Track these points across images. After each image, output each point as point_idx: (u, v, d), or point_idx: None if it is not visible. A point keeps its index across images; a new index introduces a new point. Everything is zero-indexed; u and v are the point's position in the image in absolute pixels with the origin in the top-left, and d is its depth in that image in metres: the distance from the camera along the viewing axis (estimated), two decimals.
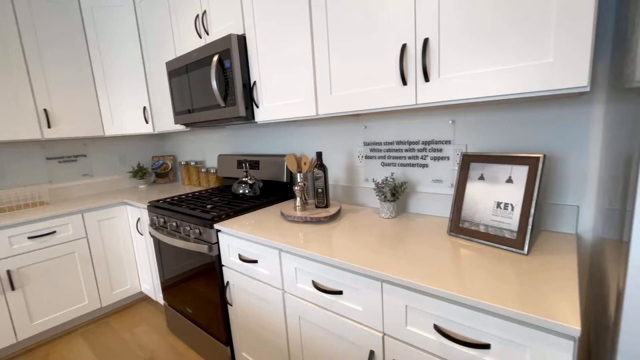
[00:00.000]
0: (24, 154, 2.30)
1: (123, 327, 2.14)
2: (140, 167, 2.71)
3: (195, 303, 1.72)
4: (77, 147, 2.54)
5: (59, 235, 2.01)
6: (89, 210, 2.12)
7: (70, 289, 2.07)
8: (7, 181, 2.24)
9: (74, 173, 2.53)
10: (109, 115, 2.37)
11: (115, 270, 2.26)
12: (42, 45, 2.09)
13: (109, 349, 1.93)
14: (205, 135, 2.55)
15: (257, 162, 1.97)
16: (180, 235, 1.67)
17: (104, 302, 2.22)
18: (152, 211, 1.88)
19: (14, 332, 1.87)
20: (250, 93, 1.57)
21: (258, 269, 1.31)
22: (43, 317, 1.97)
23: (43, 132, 2.12)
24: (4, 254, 1.81)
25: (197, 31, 1.77)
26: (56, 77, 2.16)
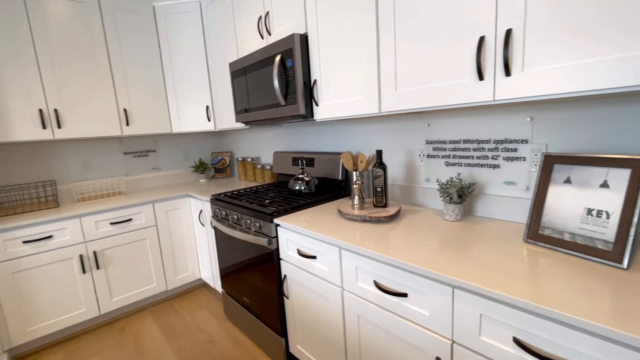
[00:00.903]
0: (106, 149, 2.58)
1: (185, 310, 2.31)
2: (201, 163, 2.90)
3: (251, 293, 1.80)
4: (148, 143, 2.79)
5: (134, 222, 2.22)
6: (159, 201, 2.32)
7: (142, 271, 2.29)
8: (92, 173, 2.53)
9: (145, 166, 2.79)
10: (176, 113, 2.57)
11: (179, 257, 2.46)
12: (123, 52, 2.33)
13: (174, 329, 2.10)
14: (261, 133, 2.65)
15: (312, 160, 2.00)
16: (241, 227, 1.75)
17: (169, 286, 2.42)
18: (214, 204, 2.00)
19: (97, 306, 2.12)
20: (310, 91, 1.59)
21: (316, 265, 1.33)
22: (120, 295, 2.21)
23: (122, 130, 2.36)
24: (91, 236, 2.05)
25: (260, 32, 1.84)
26: (134, 79, 2.39)
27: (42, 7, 2.01)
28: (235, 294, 2.00)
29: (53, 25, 2.05)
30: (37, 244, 1.88)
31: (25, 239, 1.85)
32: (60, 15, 2.07)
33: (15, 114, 1.97)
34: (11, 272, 1.82)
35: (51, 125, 2.09)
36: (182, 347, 1.91)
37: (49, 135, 2.09)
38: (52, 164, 2.36)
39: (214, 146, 3.20)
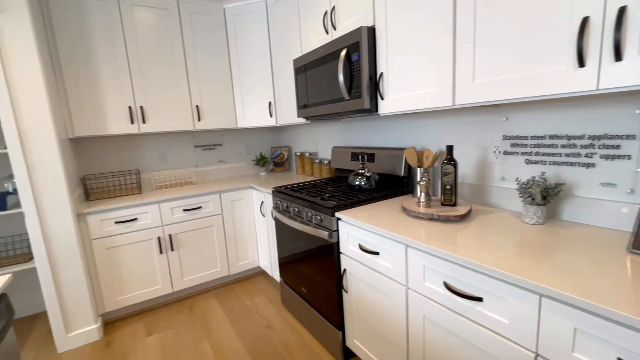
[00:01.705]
0: (179, 143, 2.83)
1: (245, 295, 2.46)
2: (261, 157, 3.04)
3: (309, 284, 1.85)
4: (215, 137, 2.99)
5: (203, 210, 2.41)
6: (225, 192, 2.49)
7: (208, 256, 2.48)
8: (167, 164, 2.80)
9: (212, 159, 3.00)
10: (241, 109, 2.72)
11: (240, 244, 2.61)
12: (197, 53, 2.52)
13: (235, 311, 2.24)
14: (320, 127, 2.68)
15: (372, 155, 1.97)
16: (301, 220, 1.80)
17: (231, 271, 2.59)
18: (276, 196, 2.08)
19: (171, 283, 2.35)
20: (375, 85, 1.57)
21: (379, 261, 1.31)
22: (190, 276, 2.42)
23: (195, 125, 2.57)
24: (168, 221, 2.28)
25: (325, 27, 1.85)
26: (205, 78, 2.58)
27: (133, 15, 2.25)
28: (292, 284, 2.07)
29: (141, 31, 2.30)
30: (125, 225, 2.14)
31: (116, 219, 2.11)
32: (146, 22, 2.31)
33: (110, 111, 2.25)
34: (106, 247, 2.10)
35: (138, 120, 2.35)
36: (244, 329, 2.04)
37: (136, 129, 2.35)
38: (136, 155, 2.66)
39: (273, 141, 3.33)
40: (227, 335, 1.98)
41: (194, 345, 1.91)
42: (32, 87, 1.75)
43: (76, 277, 1.95)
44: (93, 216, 2.04)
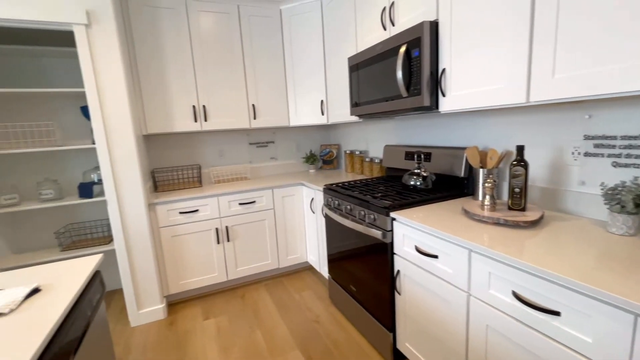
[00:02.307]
0: (235, 140, 2.99)
1: (293, 288, 2.53)
2: (311, 154, 3.09)
3: (359, 283, 1.84)
4: (268, 135, 3.11)
5: (257, 204, 2.53)
6: (277, 187, 2.58)
7: (260, 248, 2.59)
8: (224, 160, 2.97)
9: (265, 156, 3.12)
10: (294, 108, 2.79)
11: (290, 239, 2.69)
12: (254, 53, 2.63)
13: (284, 303, 2.31)
14: (372, 125, 2.66)
15: (429, 154, 1.90)
16: (353, 218, 1.80)
17: (280, 264, 2.68)
18: (327, 193, 2.10)
19: (226, 272, 2.50)
20: (436, 82, 1.51)
21: (437, 265, 1.27)
22: (243, 266, 2.55)
23: (251, 123, 2.69)
24: (225, 213, 2.42)
25: (382, 24, 1.82)
26: (261, 77, 2.69)
27: (199, 21, 2.42)
28: (341, 281, 2.08)
29: (205, 36, 2.46)
30: (188, 215, 2.32)
31: (180, 210, 2.30)
32: (210, 27, 2.47)
33: (177, 110, 2.45)
34: (171, 235, 2.29)
35: (200, 119, 2.52)
36: (293, 321, 2.10)
37: (198, 127, 2.52)
38: (198, 151, 2.86)
39: (323, 138, 3.36)
40: (277, 326, 2.06)
41: (246, 332, 2.02)
42: (116, 90, 1.97)
43: (147, 261, 2.16)
44: (161, 206, 2.24)
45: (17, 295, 0.87)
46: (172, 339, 2.00)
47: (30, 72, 2.29)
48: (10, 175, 2.31)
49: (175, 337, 2.02)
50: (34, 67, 2.30)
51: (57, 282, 0.97)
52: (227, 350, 1.85)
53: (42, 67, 2.32)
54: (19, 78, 2.27)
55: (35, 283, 0.95)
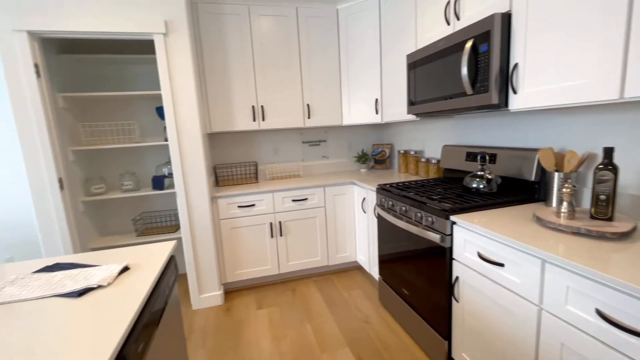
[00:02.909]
0: (289, 138, 3.09)
1: (342, 287, 2.54)
2: (363, 153, 3.07)
3: (412, 286, 1.79)
4: (320, 134, 3.16)
5: (308, 202, 2.58)
6: (328, 186, 2.61)
7: (311, 245, 2.65)
8: (278, 157, 3.08)
9: (317, 154, 3.18)
10: (347, 107, 2.79)
11: (340, 238, 2.70)
12: (310, 54, 2.69)
13: (333, 300, 2.34)
14: (429, 125, 2.56)
15: (494, 155, 1.78)
16: (408, 219, 1.76)
17: (330, 262, 2.71)
18: (380, 193, 2.08)
19: (278, 265, 2.60)
20: (506, 78, 1.40)
21: (503, 274, 1.19)
22: (294, 261, 2.63)
23: (305, 122, 2.76)
24: (279, 209, 2.52)
25: (446, 18, 1.74)
26: (316, 78, 2.74)
27: (260, 24, 2.54)
28: (392, 283, 2.04)
29: (265, 38, 2.57)
30: (245, 209, 2.46)
31: (239, 204, 2.44)
32: (269, 30, 2.57)
33: (238, 110, 2.60)
34: (230, 227, 2.45)
35: (258, 118, 2.65)
36: (341, 318, 2.11)
37: (256, 126, 2.65)
38: (254, 149, 3.01)
39: (375, 138, 3.32)
40: (326, 321, 2.09)
41: (296, 324, 2.08)
42: (186, 92, 2.15)
43: (208, 249, 2.34)
44: (222, 200, 2.40)
45: (112, 271, 1.00)
46: (229, 324, 2.14)
47: (115, 77, 2.60)
48: (99, 167, 2.65)
49: (231, 322, 2.16)
50: (119, 73, 2.61)
51: (141, 262, 1.10)
52: (279, 341, 1.93)
53: (125, 73, 2.62)
54: (107, 83, 2.59)
55: (125, 262, 1.09)
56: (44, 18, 1.87)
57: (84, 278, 0.97)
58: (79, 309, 0.80)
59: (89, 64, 2.53)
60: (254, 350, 1.86)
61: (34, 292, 0.90)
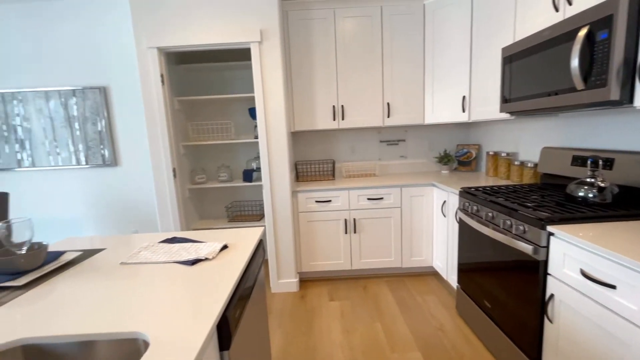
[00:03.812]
0: (366, 137, 3.11)
1: (416, 291, 2.47)
2: (445, 154, 2.92)
3: (495, 299, 1.65)
4: (399, 133, 3.10)
5: (384, 201, 2.58)
6: (406, 186, 2.56)
7: (384, 244, 2.64)
8: (354, 156, 3.13)
9: (394, 154, 3.13)
10: (430, 105, 2.69)
11: (415, 241, 2.63)
12: (393, 52, 2.67)
13: (406, 303, 2.29)
14: (523, 124, 2.30)
15: (610, 160, 1.52)
16: (496, 227, 1.62)
17: (403, 264, 2.66)
18: (464, 197, 1.96)
19: (350, 261, 2.66)
20: (632, 70, 1.19)
21: (614, 297, 1.02)
22: (366, 259, 2.66)
23: (384, 121, 2.75)
24: (354, 206, 2.57)
25: (554, 4, 1.55)
26: (398, 76, 2.70)
27: (344, 26, 2.62)
28: (472, 293, 1.91)
29: (348, 39, 2.64)
30: (322, 205, 2.58)
31: (316, 199, 2.57)
32: (353, 30, 2.63)
33: (319, 110, 2.73)
34: (307, 220, 2.60)
35: (338, 117, 2.74)
36: (414, 322, 2.06)
37: (336, 125, 2.75)
38: (332, 147, 3.12)
39: (460, 138, 3.11)
40: (397, 323, 2.06)
41: (367, 320, 2.11)
42: (276, 94, 2.36)
43: (287, 239, 2.53)
44: (302, 194, 2.56)
45: (215, 248, 1.18)
46: (303, 310, 2.28)
47: (217, 82, 2.99)
48: (201, 160, 3.08)
49: (305, 309, 2.30)
50: (220, 79, 2.98)
51: (236, 242, 1.27)
52: (349, 333, 1.99)
53: (225, 78, 2.98)
54: (210, 88, 2.99)
55: (224, 241, 1.27)
56: (170, 36, 2.27)
57: (194, 251, 1.17)
58: (192, 274, 0.98)
59: (198, 71, 2.96)
60: (326, 338, 1.96)
61: (160, 257, 1.12)
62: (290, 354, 1.83)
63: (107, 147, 3.11)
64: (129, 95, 3.02)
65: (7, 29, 2.93)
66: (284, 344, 1.93)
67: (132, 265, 1.08)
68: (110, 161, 3.13)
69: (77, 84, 3.03)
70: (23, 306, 0.84)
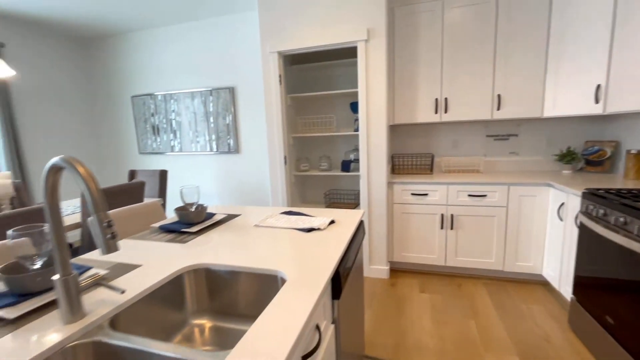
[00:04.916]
0: (470, 131, 2.95)
1: (519, 298, 2.28)
2: (568, 152, 2.56)
3: (624, 318, 1.44)
4: (511, 127, 2.84)
5: (487, 199, 2.44)
6: (515, 185, 2.36)
7: (484, 245, 2.50)
8: (457, 150, 3.01)
9: (503, 150, 2.89)
10: (552, 96, 2.39)
11: (522, 244, 2.41)
12: (508, 38, 2.46)
13: (506, 308, 2.15)
14: None
15: None
16: (629, 234, 1.41)
17: (505, 268, 2.47)
18: (589, 199, 1.73)
19: (444, 257, 2.61)
20: None
21: None
22: (462, 257, 2.57)
23: (492, 114, 2.58)
24: (452, 202, 2.51)
25: None
26: (513, 66, 2.49)
27: (453, 16, 2.54)
28: (591, 308, 1.69)
29: (457, 29, 2.55)
30: (417, 197, 2.60)
31: (412, 191, 2.61)
32: (463, 20, 2.53)
33: (420, 103, 2.73)
34: (401, 211, 2.66)
35: (440, 110, 2.69)
36: (514, 328, 1.94)
37: (437, 118, 2.71)
38: (431, 141, 3.06)
39: (590, 133, 2.67)
40: (493, 324, 1.97)
41: (459, 316, 2.07)
42: (378, 89, 2.47)
43: (381, 227, 2.64)
44: (397, 185, 2.63)
45: (325, 221, 1.39)
46: (393, 296, 2.38)
47: (322, 79, 3.26)
48: (306, 150, 3.43)
49: (395, 296, 2.39)
50: (325, 76, 3.24)
51: (341, 220, 1.45)
52: (439, 325, 2.00)
53: (329, 76, 3.23)
54: (316, 85, 3.28)
55: (332, 217, 1.48)
56: (289, 41, 2.61)
57: (308, 222, 1.40)
58: (309, 239, 1.20)
59: (306, 71, 3.28)
60: (416, 325, 2.02)
61: (283, 224, 1.39)
62: (380, 332, 1.97)
63: (232, 137, 3.75)
64: (250, 93, 3.57)
65: (169, 45, 3.80)
66: (374, 322, 2.07)
67: (263, 228, 1.37)
68: (234, 149, 3.77)
69: (213, 85, 3.72)
70: (197, 245, 1.19)
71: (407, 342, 1.86)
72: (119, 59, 4.06)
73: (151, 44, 3.88)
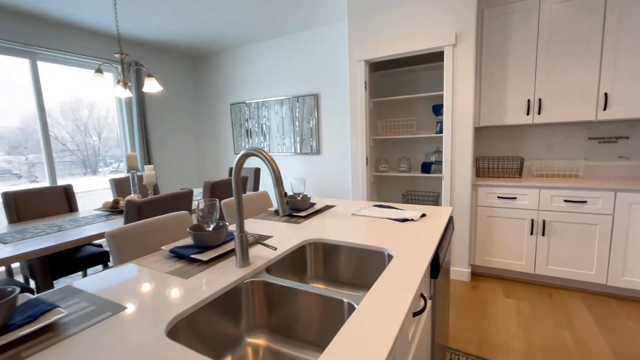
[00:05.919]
0: (569, 134, 2.74)
1: (626, 315, 2.08)
2: None
3: None
4: (620, 129, 2.57)
5: (587, 205, 2.27)
6: (623, 191, 2.16)
7: (582, 255, 2.32)
8: (552, 153, 2.83)
9: (609, 153, 2.63)
10: None
11: (631, 257, 2.18)
12: (621, 28, 2.26)
13: (610, 324, 1.99)
14: None
15: None
16: None
17: (609, 282, 2.26)
18: None
19: (534, 265, 2.49)
20: None
21: None
22: (555, 266, 2.42)
23: (597, 114, 2.38)
24: (544, 207, 2.40)
25: None
26: (626, 60, 2.27)
27: (551, 10, 2.43)
28: None
29: (555, 27, 2.43)
30: (505, 201, 2.53)
31: (499, 195, 2.55)
32: (563, 15, 2.40)
33: (509, 104, 2.66)
34: (486, 215, 2.62)
35: (533, 112, 2.58)
36: (619, 344, 1.80)
37: (529, 120, 2.60)
38: (521, 144, 2.93)
39: None
40: (594, 339, 1.85)
41: (551, 326, 1.99)
42: (464, 91, 2.50)
43: (464, 230, 2.64)
44: (483, 188, 2.60)
45: (417, 213, 1.53)
46: (475, 299, 2.37)
47: (405, 83, 3.36)
48: (385, 152, 3.57)
49: (477, 298, 2.37)
50: (407, 80, 3.34)
51: (432, 214, 1.57)
52: (528, 331, 1.96)
53: (411, 80, 3.32)
54: (399, 89, 3.40)
55: (423, 211, 1.61)
56: (375, 50, 2.80)
57: (400, 213, 1.56)
58: (405, 228, 1.36)
59: (390, 76, 3.43)
60: (501, 327, 2.01)
61: (377, 215, 1.57)
62: (463, 329, 2.01)
63: (314, 139, 4.09)
64: (333, 99, 3.85)
65: (261, 59, 4.32)
66: (456, 319, 2.12)
67: (359, 217, 1.58)
68: (316, 150, 4.09)
69: (300, 92, 4.11)
70: (309, 226, 1.45)
71: (491, 341, 1.88)
72: (221, 72, 4.75)
73: (246, 58, 4.45)
